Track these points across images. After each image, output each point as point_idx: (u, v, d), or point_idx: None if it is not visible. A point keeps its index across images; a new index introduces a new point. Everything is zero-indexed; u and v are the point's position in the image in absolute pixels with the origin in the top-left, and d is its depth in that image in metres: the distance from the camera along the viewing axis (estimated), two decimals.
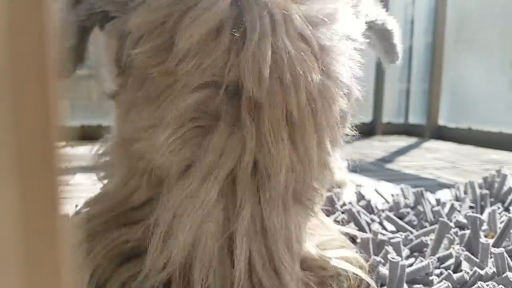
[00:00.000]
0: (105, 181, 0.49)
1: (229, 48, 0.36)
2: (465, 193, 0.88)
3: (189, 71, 0.36)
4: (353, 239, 0.63)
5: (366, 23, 0.49)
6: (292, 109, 0.36)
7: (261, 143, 0.36)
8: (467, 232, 0.63)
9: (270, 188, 0.36)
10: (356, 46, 0.42)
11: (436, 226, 0.62)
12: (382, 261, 0.53)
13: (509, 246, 0.61)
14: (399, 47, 0.57)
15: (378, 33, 0.52)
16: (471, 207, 0.81)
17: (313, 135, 0.38)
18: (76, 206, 0.69)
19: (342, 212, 0.72)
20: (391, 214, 0.72)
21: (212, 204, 0.36)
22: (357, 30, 0.43)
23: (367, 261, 0.49)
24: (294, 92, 0.36)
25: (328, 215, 0.71)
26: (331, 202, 0.76)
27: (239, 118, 0.36)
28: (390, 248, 0.59)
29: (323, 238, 0.45)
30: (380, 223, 0.72)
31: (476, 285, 0.50)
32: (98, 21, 0.43)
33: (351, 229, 0.64)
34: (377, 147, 1.97)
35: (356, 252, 0.47)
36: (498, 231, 0.64)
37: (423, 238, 0.62)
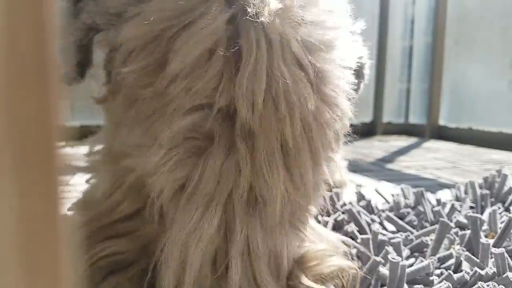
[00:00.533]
0: (92, 182, 0.48)
1: (222, 70, 0.35)
2: (466, 193, 0.88)
3: (180, 93, 0.35)
4: (352, 238, 0.63)
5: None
6: (287, 138, 0.36)
7: (256, 171, 0.36)
8: (468, 232, 0.63)
9: (266, 216, 0.37)
10: (351, 71, 0.42)
11: (437, 226, 0.62)
12: (383, 261, 0.53)
13: (509, 246, 0.61)
14: (360, 91, 0.58)
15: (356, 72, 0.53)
16: (471, 207, 0.81)
17: (309, 161, 0.38)
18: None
19: (343, 212, 0.72)
20: (391, 214, 0.72)
21: (214, 231, 0.35)
22: (354, 57, 0.43)
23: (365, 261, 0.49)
24: (289, 120, 0.36)
25: (328, 215, 0.71)
26: (331, 202, 0.76)
27: (233, 143, 0.36)
28: (390, 248, 0.59)
29: (312, 247, 0.44)
30: (381, 223, 0.72)
31: (476, 285, 0.50)
32: (93, 36, 0.42)
33: (350, 229, 0.64)
34: (378, 147, 1.97)
35: (349, 258, 0.47)
36: (499, 231, 0.64)
37: (424, 238, 0.62)
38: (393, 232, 0.69)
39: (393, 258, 0.51)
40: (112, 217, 0.41)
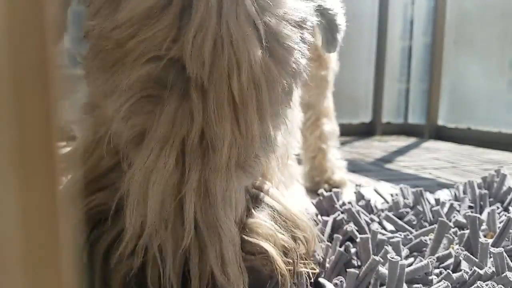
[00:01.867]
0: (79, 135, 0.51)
1: (172, 23, 0.38)
2: (464, 193, 0.89)
3: (137, 44, 0.38)
4: (352, 238, 0.63)
5: (319, 8, 0.51)
6: (234, 90, 0.39)
7: (207, 120, 0.39)
8: (467, 232, 0.63)
9: (215, 158, 0.40)
10: (306, 28, 0.44)
11: (436, 226, 0.62)
12: (382, 260, 0.53)
13: (508, 245, 0.61)
14: (339, 43, 0.59)
15: (327, 23, 0.55)
16: (470, 207, 0.82)
17: (255, 114, 0.40)
18: None
19: (342, 212, 0.72)
20: (390, 214, 0.72)
21: (171, 170, 0.39)
22: (307, 14, 0.45)
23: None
24: (237, 74, 0.38)
25: (328, 215, 0.71)
26: (330, 202, 0.76)
27: (187, 91, 0.39)
28: (389, 248, 0.59)
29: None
30: (380, 223, 0.72)
31: (475, 285, 0.50)
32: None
33: (350, 229, 0.64)
34: (377, 147, 1.97)
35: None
36: (497, 230, 0.64)
37: (423, 238, 0.62)
38: (392, 232, 0.69)
39: (392, 258, 0.51)
40: (96, 172, 0.46)
